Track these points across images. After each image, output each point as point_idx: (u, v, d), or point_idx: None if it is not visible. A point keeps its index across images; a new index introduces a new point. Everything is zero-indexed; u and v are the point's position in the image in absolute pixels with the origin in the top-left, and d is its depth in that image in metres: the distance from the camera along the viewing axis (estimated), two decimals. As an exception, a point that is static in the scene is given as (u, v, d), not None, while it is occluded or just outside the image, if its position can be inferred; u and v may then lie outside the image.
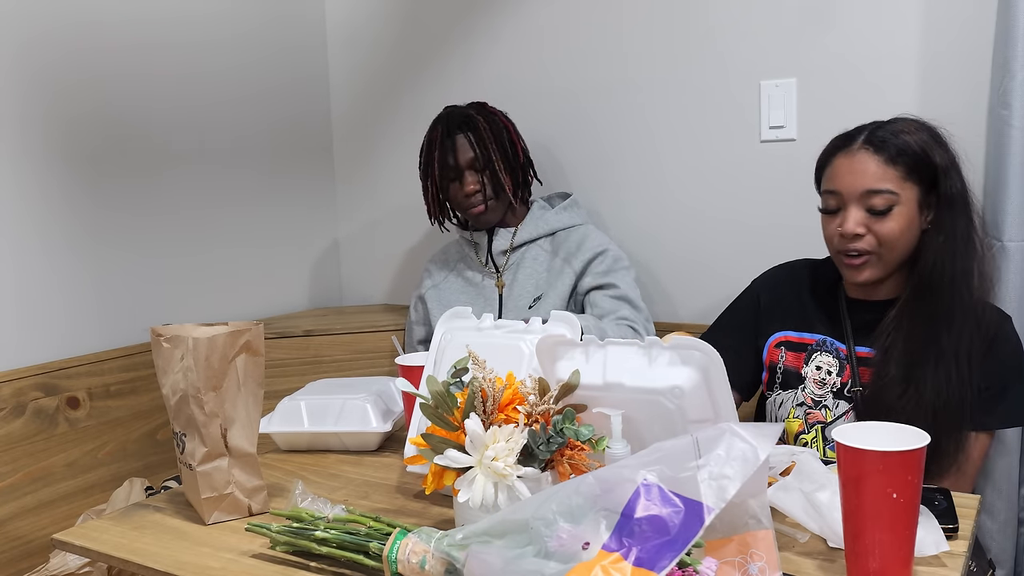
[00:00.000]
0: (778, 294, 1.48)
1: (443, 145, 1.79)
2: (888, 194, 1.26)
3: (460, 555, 0.86)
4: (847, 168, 1.29)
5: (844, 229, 1.28)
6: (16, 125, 1.70)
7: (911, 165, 1.26)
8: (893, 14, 1.68)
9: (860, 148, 1.29)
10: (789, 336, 1.43)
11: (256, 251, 2.24)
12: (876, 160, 1.27)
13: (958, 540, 0.97)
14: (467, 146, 1.78)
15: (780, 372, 1.42)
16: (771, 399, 1.44)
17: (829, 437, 1.34)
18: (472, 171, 1.78)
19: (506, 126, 1.85)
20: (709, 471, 0.78)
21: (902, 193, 1.26)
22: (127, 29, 1.90)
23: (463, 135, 1.78)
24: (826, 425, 1.36)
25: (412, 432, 1.25)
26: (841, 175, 1.30)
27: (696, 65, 1.90)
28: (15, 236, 1.71)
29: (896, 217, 1.27)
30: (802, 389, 1.39)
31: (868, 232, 1.28)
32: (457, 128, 1.79)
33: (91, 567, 1.59)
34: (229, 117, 2.14)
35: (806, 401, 1.38)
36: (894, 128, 1.29)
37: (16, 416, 1.68)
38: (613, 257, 1.78)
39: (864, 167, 1.27)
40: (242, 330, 1.13)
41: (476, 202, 1.79)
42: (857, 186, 1.27)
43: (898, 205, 1.26)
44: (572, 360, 1.09)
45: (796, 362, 1.41)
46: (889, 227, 1.27)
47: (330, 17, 2.42)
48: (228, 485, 1.13)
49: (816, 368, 1.38)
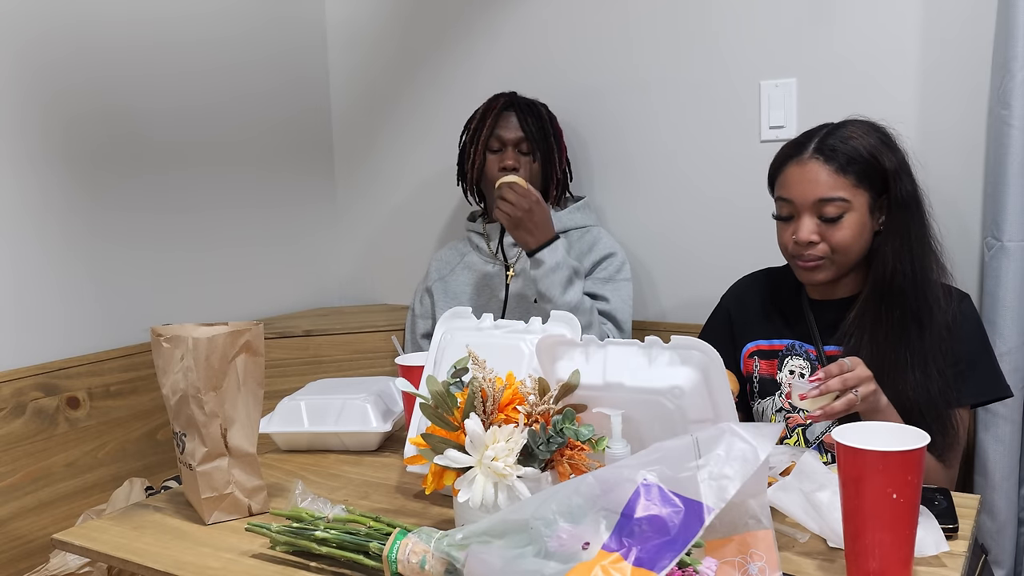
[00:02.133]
0: (744, 305, 1.50)
1: (499, 116, 1.83)
2: (840, 202, 1.27)
3: (460, 555, 0.86)
4: (799, 177, 1.30)
5: (798, 237, 1.30)
6: (16, 125, 1.70)
7: (861, 172, 1.28)
8: (893, 14, 1.68)
9: (811, 157, 1.29)
10: (760, 345, 1.45)
11: (256, 251, 2.24)
12: (827, 169, 1.28)
13: (958, 540, 0.97)
14: (519, 126, 1.82)
15: (756, 381, 1.44)
16: (754, 409, 1.46)
17: (810, 440, 1.36)
18: (516, 150, 1.82)
19: (559, 131, 1.90)
20: (709, 471, 0.78)
21: (854, 200, 1.28)
22: (127, 29, 1.90)
23: (523, 115, 1.82)
24: (806, 427, 1.37)
25: (412, 432, 1.25)
26: (793, 183, 1.31)
27: (696, 65, 1.90)
28: (15, 236, 1.71)
29: (848, 224, 1.28)
30: (779, 395, 1.40)
31: (821, 240, 1.29)
32: (520, 108, 1.83)
33: (91, 567, 1.59)
34: (229, 117, 2.14)
35: (784, 406, 1.39)
36: (843, 134, 1.30)
37: (16, 416, 1.68)
38: (617, 265, 1.79)
39: (815, 176, 1.28)
40: (242, 330, 1.13)
41: None
42: (809, 195, 1.28)
43: (850, 212, 1.28)
44: (572, 360, 1.09)
45: (770, 369, 1.42)
46: (841, 234, 1.28)
47: (330, 17, 2.42)
48: (228, 485, 1.13)
49: (789, 372, 1.39)
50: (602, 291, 1.76)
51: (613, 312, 1.74)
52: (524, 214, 1.61)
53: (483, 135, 1.83)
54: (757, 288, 1.51)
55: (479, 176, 1.87)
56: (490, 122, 1.83)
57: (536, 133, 1.82)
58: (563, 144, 1.90)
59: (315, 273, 2.44)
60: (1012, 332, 1.52)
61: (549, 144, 1.84)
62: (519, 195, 1.61)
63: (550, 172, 1.85)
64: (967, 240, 1.66)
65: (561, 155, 1.88)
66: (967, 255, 1.65)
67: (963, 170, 1.64)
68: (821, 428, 1.35)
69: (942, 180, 1.47)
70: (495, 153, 1.83)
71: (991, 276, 1.55)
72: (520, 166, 1.81)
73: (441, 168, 2.18)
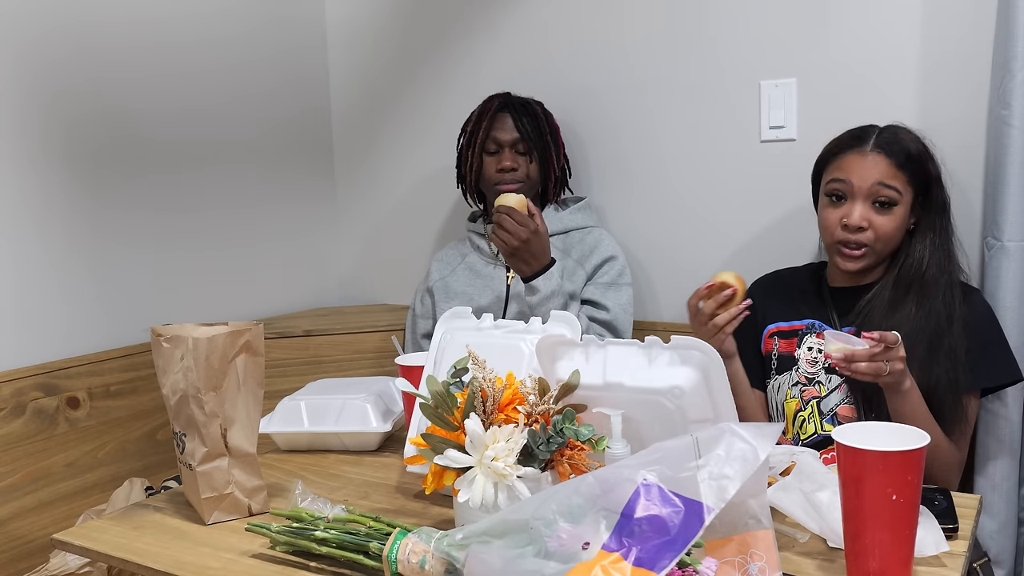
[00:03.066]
0: (767, 293, 1.56)
1: (494, 118, 1.83)
2: (895, 190, 1.36)
3: (460, 555, 0.86)
4: (859, 163, 1.38)
5: (850, 220, 1.37)
6: (16, 124, 1.70)
7: (913, 171, 1.37)
8: (893, 14, 1.68)
9: (873, 149, 1.38)
10: (780, 326, 1.51)
11: (256, 251, 2.24)
12: (888, 162, 1.36)
13: (958, 540, 0.97)
14: (514, 127, 1.82)
15: (775, 359, 1.49)
16: (770, 386, 1.50)
17: (824, 411, 1.41)
18: (513, 150, 1.82)
19: (556, 128, 1.90)
20: (709, 471, 0.78)
21: (904, 195, 1.37)
22: (127, 29, 1.90)
23: (518, 116, 1.82)
24: (821, 399, 1.42)
25: (412, 432, 1.25)
26: (853, 167, 1.38)
27: (696, 65, 1.90)
28: (15, 236, 1.71)
29: (896, 215, 1.37)
30: (796, 370, 1.46)
31: (869, 226, 1.37)
32: (514, 108, 1.84)
33: (91, 567, 1.59)
34: (229, 117, 2.14)
35: (800, 380, 1.45)
36: (899, 134, 1.40)
37: (16, 416, 1.68)
38: (619, 270, 1.79)
39: (876, 164, 1.37)
40: (242, 330, 1.13)
41: (507, 179, 1.81)
42: (868, 178, 1.36)
43: (899, 204, 1.37)
44: (572, 360, 1.09)
45: (789, 347, 1.48)
46: (889, 223, 1.37)
47: (330, 17, 2.42)
48: (228, 485, 1.13)
49: (808, 349, 1.45)
50: (603, 299, 1.76)
51: (612, 321, 1.75)
52: (521, 244, 1.58)
53: (479, 138, 1.84)
54: (779, 279, 1.59)
55: (478, 179, 1.88)
56: (485, 124, 1.83)
57: (532, 133, 1.82)
58: (560, 141, 1.90)
59: (315, 273, 2.44)
60: (1012, 332, 1.52)
61: (545, 142, 1.84)
62: (517, 223, 1.57)
63: (548, 170, 1.86)
64: (967, 240, 1.66)
65: (559, 152, 1.88)
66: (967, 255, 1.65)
67: (963, 170, 1.64)
68: (836, 400, 1.40)
69: (942, 180, 1.47)
70: (492, 155, 1.83)
71: (991, 276, 1.55)
72: (518, 166, 1.81)
73: (441, 168, 2.18)
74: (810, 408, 1.42)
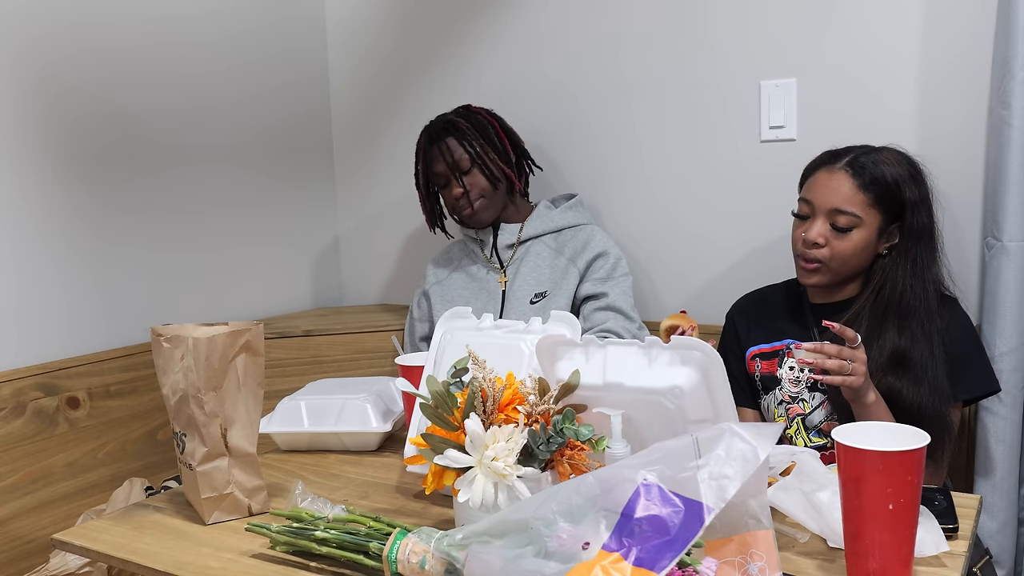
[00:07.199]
0: (749, 314, 1.58)
1: (427, 154, 1.83)
2: (852, 216, 1.37)
3: (460, 555, 0.86)
4: (824, 183, 1.40)
5: (807, 236, 1.41)
6: (17, 124, 1.70)
7: (880, 195, 1.38)
8: (893, 14, 1.68)
9: (841, 168, 1.40)
10: (761, 348, 1.53)
11: (256, 251, 2.24)
12: (851, 183, 1.38)
13: (958, 540, 0.97)
14: (448, 151, 1.80)
15: (758, 380, 1.52)
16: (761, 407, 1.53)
17: (809, 427, 1.44)
18: (456, 176, 1.80)
19: (491, 122, 1.86)
20: (709, 471, 0.78)
21: (865, 218, 1.38)
22: (128, 30, 1.90)
23: (444, 141, 1.80)
24: (805, 416, 1.44)
25: (412, 432, 1.25)
26: (818, 187, 1.41)
27: (696, 65, 1.90)
28: (16, 236, 1.71)
29: (854, 238, 1.38)
30: (779, 389, 1.48)
31: (827, 244, 1.39)
32: (438, 135, 1.82)
33: (91, 567, 1.59)
34: (229, 117, 2.14)
35: (784, 399, 1.47)
36: (877, 158, 1.40)
37: (16, 416, 1.68)
38: (613, 263, 1.79)
39: (839, 185, 1.38)
40: (242, 330, 1.13)
41: (463, 206, 1.81)
42: (827, 202, 1.39)
43: (859, 228, 1.38)
44: (572, 360, 1.09)
45: (771, 368, 1.50)
46: (844, 245, 1.39)
47: (330, 17, 2.42)
48: (228, 485, 1.13)
49: (789, 369, 1.47)
50: (600, 290, 1.75)
51: (613, 304, 1.74)
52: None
53: (422, 181, 1.87)
54: (762, 297, 1.60)
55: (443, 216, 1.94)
56: (422, 167, 1.86)
57: (457, 151, 1.79)
58: (500, 134, 1.85)
59: (315, 273, 2.44)
60: (1012, 332, 1.52)
61: (480, 148, 1.80)
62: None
63: (498, 171, 1.81)
64: (967, 240, 1.66)
65: (503, 145, 1.84)
66: (967, 255, 1.66)
67: (963, 170, 1.64)
68: (820, 417, 1.43)
69: (942, 180, 1.47)
70: (445, 188, 1.83)
71: (991, 276, 1.55)
72: (470, 186, 1.79)
73: (441, 168, 2.18)
74: (795, 425, 1.45)
